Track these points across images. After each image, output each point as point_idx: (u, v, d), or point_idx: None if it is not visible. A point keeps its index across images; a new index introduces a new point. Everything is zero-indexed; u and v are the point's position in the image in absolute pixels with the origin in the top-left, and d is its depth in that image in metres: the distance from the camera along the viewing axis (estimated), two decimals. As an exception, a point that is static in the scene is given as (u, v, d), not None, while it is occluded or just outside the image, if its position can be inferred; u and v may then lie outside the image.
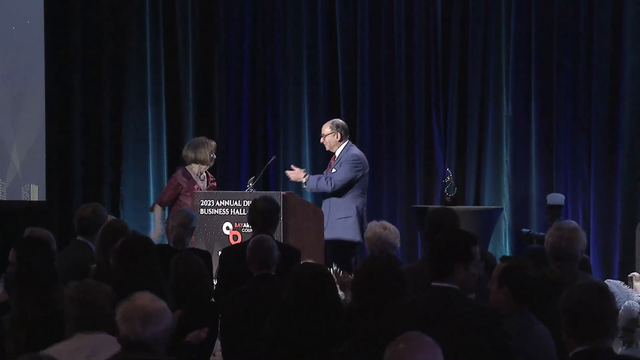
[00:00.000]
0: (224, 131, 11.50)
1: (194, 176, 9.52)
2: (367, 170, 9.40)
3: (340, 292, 6.51)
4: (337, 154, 9.34)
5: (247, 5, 11.52)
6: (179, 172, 9.57)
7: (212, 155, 9.52)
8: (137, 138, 11.45)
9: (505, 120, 10.89)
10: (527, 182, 10.81)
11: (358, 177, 9.24)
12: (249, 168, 11.35)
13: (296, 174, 9.31)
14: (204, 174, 9.60)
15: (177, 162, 11.31)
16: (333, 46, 11.31)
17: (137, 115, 11.45)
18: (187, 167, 9.56)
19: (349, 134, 9.48)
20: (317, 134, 10.32)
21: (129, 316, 4.24)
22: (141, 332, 4.20)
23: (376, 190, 11.07)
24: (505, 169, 10.88)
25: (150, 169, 11.47)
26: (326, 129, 9.34)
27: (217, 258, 7.45)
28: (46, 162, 11.33)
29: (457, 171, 10.83)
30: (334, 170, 9.22)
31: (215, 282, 7.21)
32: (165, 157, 11.52)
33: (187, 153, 9.55)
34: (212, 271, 7.34)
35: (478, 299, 4.94)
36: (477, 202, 10.91)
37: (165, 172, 11.46)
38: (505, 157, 10.89)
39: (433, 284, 4.68)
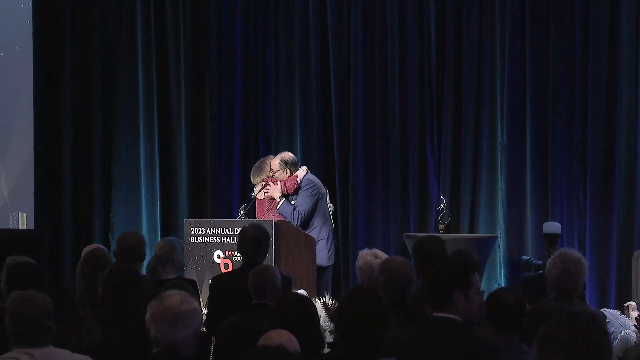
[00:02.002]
0: (216, 160, 11.42)
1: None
2: (324, 191, 9.40)
3: (329, 323, 6.49)
4: None
5: (239, 29, 11.44)
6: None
7: (271, 167, 9.34)
8: (129, 164, 11.34)
9: (500, 147, 10.82)
10: (522, 209, 10.73)
11: (318, 200, 9.23)
12: (240, 195, 11.21)
13: (273, 190, 9.24)
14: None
15: (170, 188, 11.36)
16: (326, 74, 11.25)
17: (129, 142, 11.36)
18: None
19: (297, 164, 9.46)
20: (308, 163, 10.26)
21: (158, 318, 4.25)
22: (170, 334, 4.22)
23: (370, 217, 11.01)
24: (500, 196, 10.79)
25: (143, 195, 11.35)
26: (275, 165, 9.31)
27: (208, 286, 7.38)
28: (35, 189, 11.20)
29: (451, 199, 10.76)
30: (292, 202, 9.21)
31: (204, 312, 7.10)
32: (158, 183, 11.40)
33: (256, 178, 9.40)
34: (199, 300, 7.21)
35: (479, 330, 4.88)
36: (472, 230, 10.81)
37: (159, 199, 11.34)
38: (500, 184, 10.80)
39: (434, 314, 4.65)
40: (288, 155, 9.47)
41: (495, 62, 10.84)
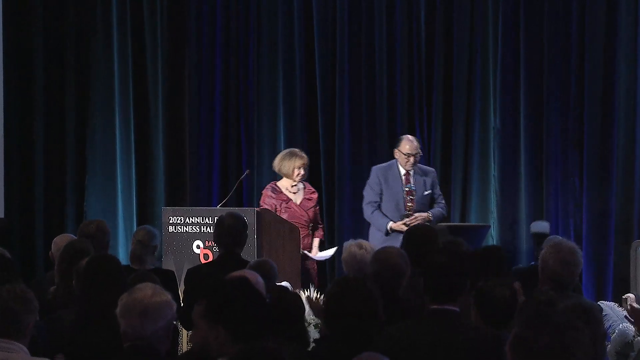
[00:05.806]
0: (194, 146, 11.18)
1: (283, 190, 9.09)
2: None
3: (314, 317, 6.42)
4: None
5: (219, 13, 11.18)
6: (267, 189, 9.15)
7: (299, 170, 9.03)
8: (104, 151, 11.14)
9: (492, 132, 10.60)
10: (516, 198, 10.51)
11: None
12: (221, 183, 11.04)
13: (423, 216, 9.08)
14: (300, 186, 9.15)
15: (147, 175, 11.18)
16: (311, 59, 11.00)
17: (104, 128, 11.14)
18: (278, 182, 9.16)
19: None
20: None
21: (127, 311, 4.20)
22: (140, 327, 4.16)
23: (357, 206, 10.75)
24: (493, 184, 10.58)
25: (119, 183, 11.14)
26: (419, 149, 9.24)
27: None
28: (5, 177, 11.00)
29: (441, 187, 10.49)
30: (429, 190, 9.23)
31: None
32: (134, 171, 11.16)
33: (274, 164, 9.16)
34: (177, 292, 7.06)
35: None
36: (463, 219, 10.62)
37: (135, 187, 11.13)
38: (493, 171, 10.59)
39: (433, 306, 4.60)
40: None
41: (487, 45, 10.60)
